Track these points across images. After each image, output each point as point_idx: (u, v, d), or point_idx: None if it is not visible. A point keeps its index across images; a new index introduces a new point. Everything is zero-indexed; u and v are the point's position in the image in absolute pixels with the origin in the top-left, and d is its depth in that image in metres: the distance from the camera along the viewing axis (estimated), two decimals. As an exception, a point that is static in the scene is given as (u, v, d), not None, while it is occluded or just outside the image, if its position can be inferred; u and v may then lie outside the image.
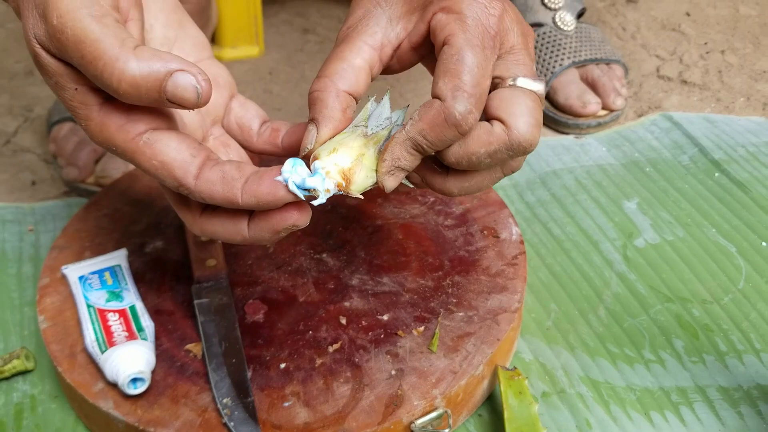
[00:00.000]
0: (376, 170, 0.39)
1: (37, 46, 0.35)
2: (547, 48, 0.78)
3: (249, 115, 0.46)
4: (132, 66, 0.33)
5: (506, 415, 0.48)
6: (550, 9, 0.79)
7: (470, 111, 0.37)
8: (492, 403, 0.52)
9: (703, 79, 0.85)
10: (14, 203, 0.70)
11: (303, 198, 0.36)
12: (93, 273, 0.54)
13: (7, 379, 0.54)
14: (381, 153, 0.39)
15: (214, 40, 0.89)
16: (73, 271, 0.54)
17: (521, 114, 0.38)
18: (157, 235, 0.58)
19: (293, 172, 0.36)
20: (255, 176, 0.36)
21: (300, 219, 0.38)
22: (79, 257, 0.56)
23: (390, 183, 0.39)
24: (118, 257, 0.55)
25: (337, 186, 0.37)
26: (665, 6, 0.97)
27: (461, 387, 0.48)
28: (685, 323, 0.57)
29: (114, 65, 0.33)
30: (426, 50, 0.41)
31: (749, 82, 0.84)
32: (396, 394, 0.47)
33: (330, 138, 0.39)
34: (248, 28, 0.89)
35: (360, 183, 0.38)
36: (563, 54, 0.77)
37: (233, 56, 0.90)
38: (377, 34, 0.41)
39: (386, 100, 0.40)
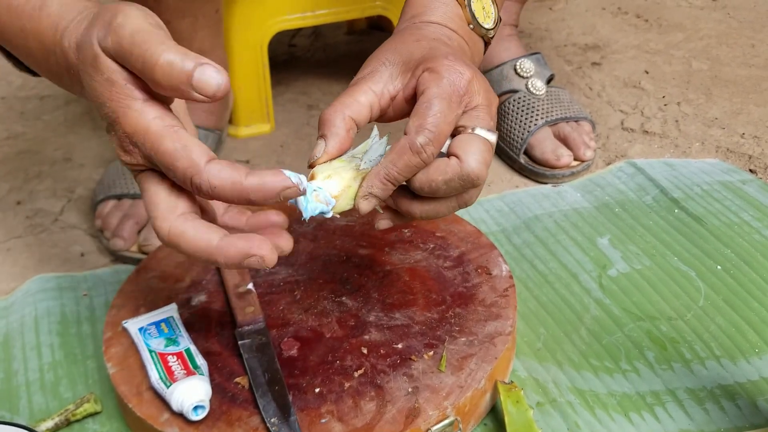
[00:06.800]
0: (355, 197, 0.49)
1: (99, 48, 0.44)
2: (522, 110, 0.90)
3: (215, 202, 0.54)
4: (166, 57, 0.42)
5: (506, 419, 0.57)
6: (522, 77, 0.91)
7: (428, 143, 0.48)
8: (495, 415, 0.61)
9: (662, 128, 0.96)
10: (68, 272, 0.80)
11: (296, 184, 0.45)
12: (150, 324, 0.63)
13: (79, 420, 0.63)
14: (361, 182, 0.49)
15: (231, 120, 1.01)
16: (133, 324, 0.64)
17: (473, 153, 0.49)
18: (200, 290, 0.68)
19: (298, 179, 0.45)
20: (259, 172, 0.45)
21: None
22: (135, 313, 0.66)
23: (364, 206, 0.49)
24: (170, 310, 0.65)
25: (324, 203, 0.47)
26: (626, 66, 1.10)
27: (467, 398, 0.57)
28: (654, 337, 0.66)
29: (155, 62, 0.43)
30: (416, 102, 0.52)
31: (703, 129, 0.95)
32: (414, 407, 0.56)
33: (336, 152, 0.49)
34: (260, 109, 1.01)
35: (340, 207, 0.49)
36: (537, 115, 0.89)
37: (248, 133, 1.02)
38: (379, 84, 0.51)
39: (385, 140, 0.51)
